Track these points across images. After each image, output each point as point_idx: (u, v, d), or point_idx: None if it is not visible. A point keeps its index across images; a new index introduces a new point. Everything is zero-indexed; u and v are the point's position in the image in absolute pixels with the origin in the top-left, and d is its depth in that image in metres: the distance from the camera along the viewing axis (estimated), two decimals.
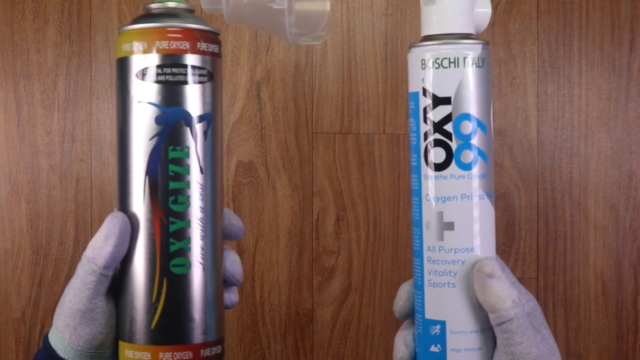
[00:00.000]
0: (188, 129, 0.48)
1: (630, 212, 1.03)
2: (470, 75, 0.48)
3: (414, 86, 0.49)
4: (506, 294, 0.46)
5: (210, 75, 0.48)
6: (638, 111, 1.03)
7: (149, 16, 0.49)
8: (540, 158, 1.03)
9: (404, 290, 0.52)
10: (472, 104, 0.48)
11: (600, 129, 1.03)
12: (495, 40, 1.03)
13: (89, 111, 1.05)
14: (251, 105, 1.04)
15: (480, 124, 0.48)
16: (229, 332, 1.05)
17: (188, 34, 0.48)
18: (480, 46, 0.48)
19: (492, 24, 1.03)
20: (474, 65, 0.48)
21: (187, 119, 0.47)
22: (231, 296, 0.53)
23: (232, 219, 0.52)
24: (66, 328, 0.47)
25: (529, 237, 1.03)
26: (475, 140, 0.48)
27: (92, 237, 1.05)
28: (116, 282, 0.49)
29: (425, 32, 0.50)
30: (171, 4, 0.49)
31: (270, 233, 1.05)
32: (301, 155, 1.04)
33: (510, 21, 1.03)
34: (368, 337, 1.05)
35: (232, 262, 0.52)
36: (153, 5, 0.50)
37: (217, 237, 0.50)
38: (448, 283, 0.48)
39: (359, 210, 1.04)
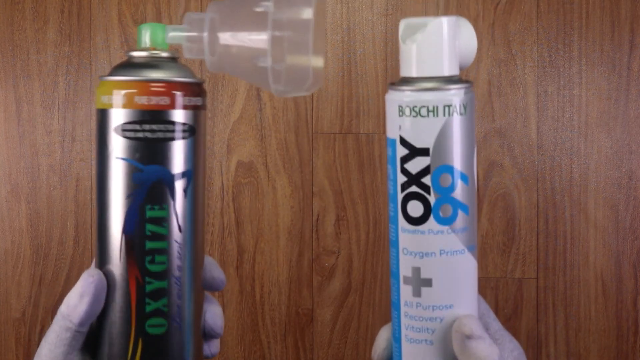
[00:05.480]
0: (167, 188, 0.46)
1: (630, 212, 1.03)
2: (451, 125, 0.44)
3: (391, 132, 0.45)
4: (486, 354, 0.45)
5: (192, 130, 0.46)
6: (638, 111, 1.03)
7: (130, 66, 0.47)
8: (540, 158, 1.03)
9: (383, 338, 0.50)
10: (452, 155, 0.45)
11: (600, 129, 1.03)
12: (495, 40, 1.03)
13: (89, 111, 1.05)
14: (251, 105, 1.04)
15: (461, 176, 0.45)
16: (229, 332, 1.05)
17: (169, 88, 0.46)
18: (462, 91, 0.44)
19: (492, 24, 1.03)
20: (455, 113, 0.44)
21: (166, 177, 0.46)
22: (211, 348, 0.52)
23: (214, 272, 0.51)
24: None
25: (529, 237, 1.03)
26: (455, 193, 0.45)
27: (91, 237, 1.05)
28: (94, 337, 0.48)
29: (404, 73, 0.46)
30: (154, 53, 0.47)
31: (270, 233, 1.05)
32: (301, 155, 1.04)
33: (510, 21, 1.03)
34: (368, 337, 1.05)
35: (213, 315, 0.51)
36: (135, 54, 0.47)
37: (196, 295, 0.49)
38: (425, 340, 0.46)
39: (359, 210, 1.04)
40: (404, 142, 0.45)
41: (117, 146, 0.45)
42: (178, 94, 0.46)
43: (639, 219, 1.03)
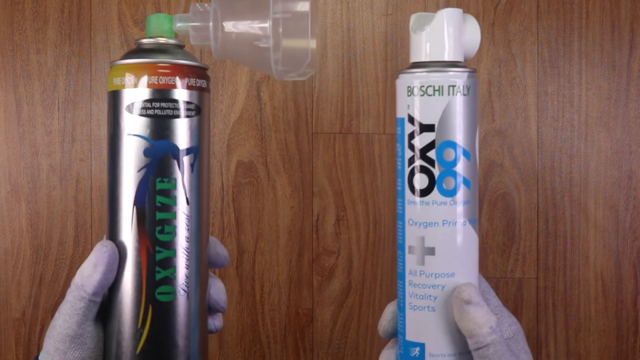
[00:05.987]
0: (175, 162, 0.49)
1: (630, 212, 1.03)
2: (455, 104, 0.48)
3: (400, 112, 0.50)
4: (484, 320, 0.47)
5: (197, 110, 0.50)
6: (638, 111, 1.03)
7: (140, 51, 0.51)
8: (540, 158, 1.03)
9: (389, 311, 0.53)
10: (455, 132, 0.49)
11: (600, 129, 1.03)
12: (495, 40, 1.03)
13: (89, 111, 1.05)
14: (251, 105, 1.04)
15: (464, 152, 0.49)
16: (229, 332, 1.05)
17: (177, 69, 0.49)
18: (466, 74, 0.49)
19: (492, 24, 1.03)
20: (459, 94, 0.49)
21: (174, 152, 0.49)
22: (215, 322, 0.55)
23: (218, 248, 0.54)
24: (56, 352, 0.49)
25: (529, 237, 1.03)
26: (458, 168, 0.49)
27: (91, 237, 1.05)
28: (104, 308, 0.51)
29: (414, 58, 0.50)
30: (162, 40, 0.51)
31: (270, 233, 1.05)
32: (301, 155, 1.04)
33: (510, 21, 1.03)
34: (368, 337, 1.05)
35: (217, 290, 0.54)
36: (144, 41, 0.51)
37: (202, 266, 0.51)
38: (428, 307, 0.49)
39: (359, 210, 1.04)
40: (411, 119, 0.49)
41: (129, 123, 0.49)
42: (184, 74, 0.50)
43: (639, 219, 1.03)
